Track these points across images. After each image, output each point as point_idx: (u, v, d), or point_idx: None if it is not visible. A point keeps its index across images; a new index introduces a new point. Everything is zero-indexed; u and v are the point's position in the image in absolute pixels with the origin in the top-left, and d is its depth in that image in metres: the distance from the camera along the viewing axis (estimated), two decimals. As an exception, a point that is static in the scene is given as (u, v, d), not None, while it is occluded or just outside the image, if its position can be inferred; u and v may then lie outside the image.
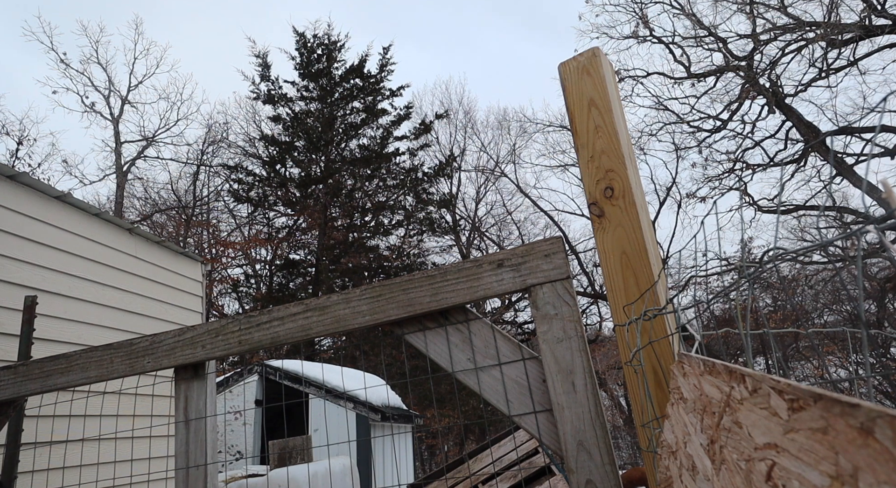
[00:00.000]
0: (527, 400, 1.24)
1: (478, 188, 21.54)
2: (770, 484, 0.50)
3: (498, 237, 21.23)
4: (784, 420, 0.49)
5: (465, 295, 1.30)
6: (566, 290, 1.24)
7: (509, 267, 1.29)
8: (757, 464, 0.53)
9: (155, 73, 28.17)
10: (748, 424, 0.56)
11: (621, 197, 1.25)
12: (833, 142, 11.52)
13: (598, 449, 1.14)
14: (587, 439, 1.15)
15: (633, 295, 1.17)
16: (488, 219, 21.42)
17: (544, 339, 1.23)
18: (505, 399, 1.26)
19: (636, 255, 1.19)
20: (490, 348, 1.29)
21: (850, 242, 8.83)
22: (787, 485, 0.48)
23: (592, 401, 1.17)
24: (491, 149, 23.14)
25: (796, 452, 0.47)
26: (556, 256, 1.27)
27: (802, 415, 0.46)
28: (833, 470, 0.41)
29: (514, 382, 1.26)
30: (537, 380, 1.25)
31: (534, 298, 1.26)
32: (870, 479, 0.37)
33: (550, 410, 1.21)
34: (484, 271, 1.30)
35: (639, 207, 1.25)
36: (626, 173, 1.26)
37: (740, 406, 0.59)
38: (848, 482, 0.39)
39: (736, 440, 0.59)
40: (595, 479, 1.13)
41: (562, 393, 1.18)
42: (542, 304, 1.25)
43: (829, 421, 0.42)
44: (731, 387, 0.62)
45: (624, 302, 1.18)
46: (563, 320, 1.22)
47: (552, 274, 1.26)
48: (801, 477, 0.46)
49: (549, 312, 1.24)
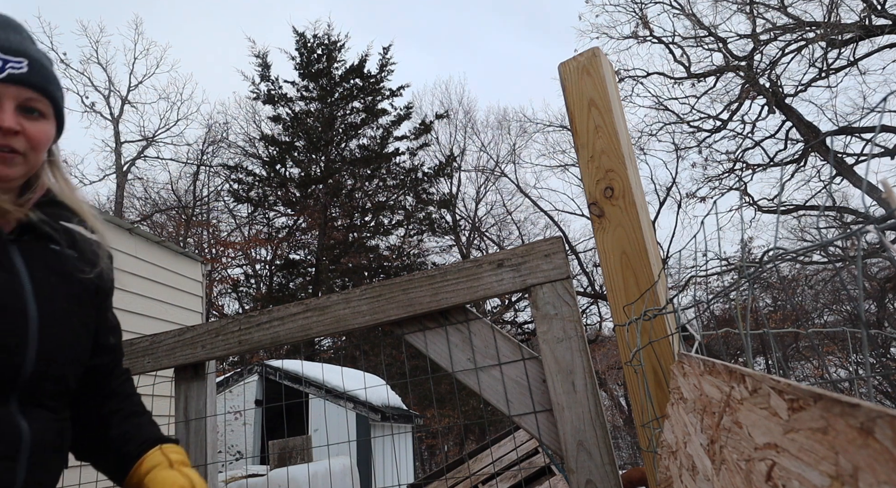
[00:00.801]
0: (527, 400, 1.24)
1: (478, 188, 21.55)
2: (770, 484, 0.50)
3: (498, 237, 21.24)
4: (784, 420, 0.49)
5: (465, 295, 1.30)
6: (566, 290, 1.24)
7: (509, 267, 1.29)
8: (757, 464, 0.53)
9: (155, 73, 28.20)
10: (748, 424, 0.56)
11: (621, 197, 1.25)
12: (833, 142, 11.53)
13: (599, 449, 1.14)
14: (587, 439, 1.15)
15: (633, 295, 1.17)
16: (488, 219, 21.44)
17: (544, 339, 1.23)
18: (505, 399, 1.26)
19: (636, 255, 1.19)
20: (490, 348, 1.29)
21: (850, 242, 8.84)
22: (787, 485, 0.48)
23: (592, 401, 1.17)
24: (491, 149, 23.13)
25: (796, 452, 0.47)
26: (556, 256, 1.27)
27: (802, 415, 0.46)
28: (833, 470, 0.41)
29: (513, 382, 1.26)
30: (537, 380, 1.25)
31: (534, 298, 1.26)
32: (870, 479, 0.37)
33: (550, 410, 1.21)
34: (484, 271, 1.30)
35: (639, 207, 1.25)
36: (626, 173, 1.26)
37: (740, 406, 0.59)
38: (848, 482, 0.39)
39: (736, 440, 0.59)
40: (595, 479, 1.13)
41: (562, 393, 1.18)
42: (543, 304, 1.25)
43: (829, 422, 0.42)
44: (731, 387, 0.62)
45: (624, 302, 1.18)
46: (564, 320, 1.22)
47: (552, 274, 1.26)
48: (801, 477, 0.46)
49: (550, 312, 1.24)
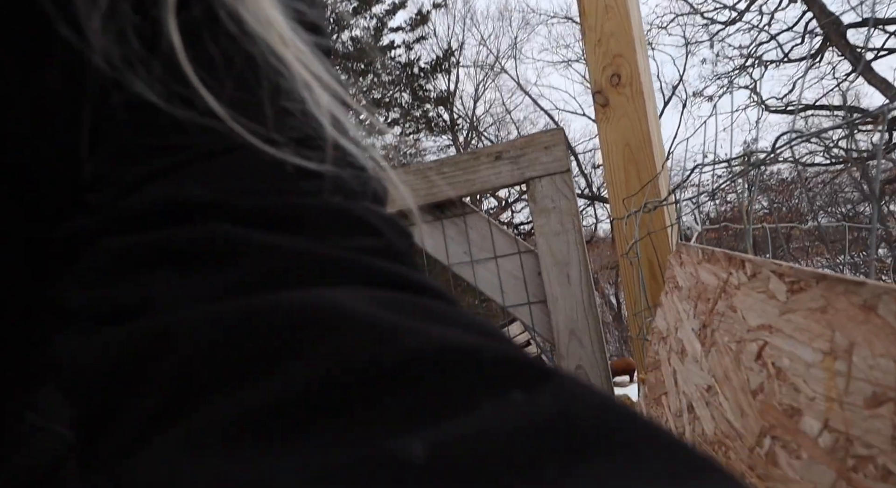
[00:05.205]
0: (521, 291, 1.27)
1: (476, 85, 20.71)
2: (760, 362, 0.51)
3: (496, 137, 20.78)
4: (782, 302, 0.49)
5: (461, 188, 1.27)
6: (565, 183, 1.22)
7: (507, 159, 1.25)
8: (748, 345, 0.54)
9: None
10: (743, 308, 0.57)
11: (628, 84, 1.18)
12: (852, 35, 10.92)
13: (590, 338, 1.18)
14: (579, 328, 1.18)
15: (633, 188, 1.15)
16: (487, 118, 20.84)
17: (541, 233, 1.22)
18: (500, 291, 1.28)
19: (640, 147, 1.15)
20: (486, 241, 1.29)
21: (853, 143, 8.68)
22: (776, 363, 0.48)
23: (586, 293, 1.19)
24: (491, 42, 21.90)
25: (790, 332, 0.47)
26: (556, 148, 1.22)
27: (801, 297, 0.46)
28: (827, 347, 0.41)
29: (509, 275, 1.28)
30: (532, 273, 1.26)
31: (532, 192, 1.23)
32: (865, 353, 0.37)
33: (544, 301, 1.23)
34: (481, 164, 1.27)
35: (646, 97, 1.19)
36: (636, 59, 1.18)
37: (737, 291, 0.59)
38: (841, 356, 0.39)
39: (729, 323, 0.60)
40: (584, 365, 1.18)
41: (556, 284, 1.20)
42: (541, 198, 1.22)
43: (830, 301, 0.42)
44: (728, 274, 0.62)
45: (624, 195, 1.16)
46: (561, 213, 1.21)
47: (551, 166, 1.22)
48: (792, 354, 0.46)
49: (547, 206, 1.22)
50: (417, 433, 0.13)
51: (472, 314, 0.20)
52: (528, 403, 0.14)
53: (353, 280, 0.20)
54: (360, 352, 0.16)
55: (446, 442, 0.13)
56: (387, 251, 0.22)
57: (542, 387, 0.15)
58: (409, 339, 0.16)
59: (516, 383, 0.15)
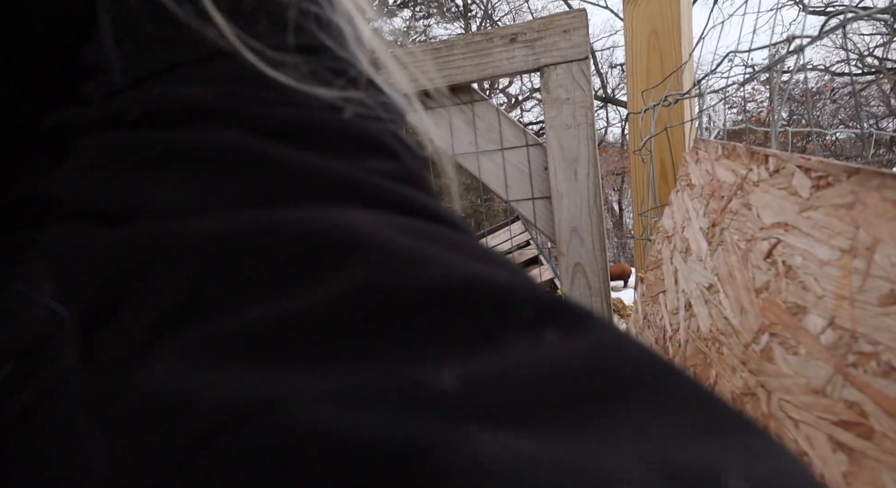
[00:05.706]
0: (526, 186, 1.23)
1: (494, -33, 19.03)
2: (769, 260, 0.49)
3: (511, 28, 19.50)
4: (804, 198, 0.46)
5: (471, 73, 1.19)
6: (582, 72, 1.13)
7: (522, 43, 1.16)
8: (759, 244, 0.52)
9: None
10: (759, 206, 0.54)
11: (664, -40, 1.06)
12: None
13: (591, 236, 1.17)
14: (581, 226, 1.17)
15: (655, 80, 1.07)
16: (502, 6, 19.43)
17: (551, 125, 1.16)
18: (504, 184, 1.24)
19: (667, 34, 1.06)
20: (493, 132, 1.23)
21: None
22: (787, 261, 0.47)
23: (593, 190, 1.15)
24: (513, -83, 19.78)
25: (808, 229, 0.44)
26: (577, 32, 1.13)
27: (827, 192, 0.43)
28: (847, 244, 0.39)
29: (515, 168, 1.24)
30: (539, 168, 1.22)
31: (545, 80, 1.16)
32: (889, 250, 0.35)
33: (549, 197, 1.21)
34: (495, 46, 1.17)
35: (681, -24, 1.07)
36: (676, -71, 1.05)
37: (755, 188, 0.56)
38: (862, 254, 0.37)
39: (741, 222, 0.57)
40: (584, 262, 1.18)
41: (563, 180, 1.16)
42: (554, 87, 1.15)
43: (860, 196, 0.39)
44: (748, 170, 0.58)
45: (644, 87, 1.08)
46: (575, 105, 1.14)
47: (569, 53, 1.13)
48: (806, 252, 0.44)
49: (561, 96, 1.15)
50: (447, 363, 0.13)
51: (496, 251, 0.19)
52: (563, 344, 0.14)
53: (371, 203, 0.18)
54: (383, 274, 0.15)
55: (477, 375, 0.12)
56: (405, 175, 0.21)
57: (579, 331, 0.14)
58: (433, 268, 0.15)
59: (551, 323, 0.14)
